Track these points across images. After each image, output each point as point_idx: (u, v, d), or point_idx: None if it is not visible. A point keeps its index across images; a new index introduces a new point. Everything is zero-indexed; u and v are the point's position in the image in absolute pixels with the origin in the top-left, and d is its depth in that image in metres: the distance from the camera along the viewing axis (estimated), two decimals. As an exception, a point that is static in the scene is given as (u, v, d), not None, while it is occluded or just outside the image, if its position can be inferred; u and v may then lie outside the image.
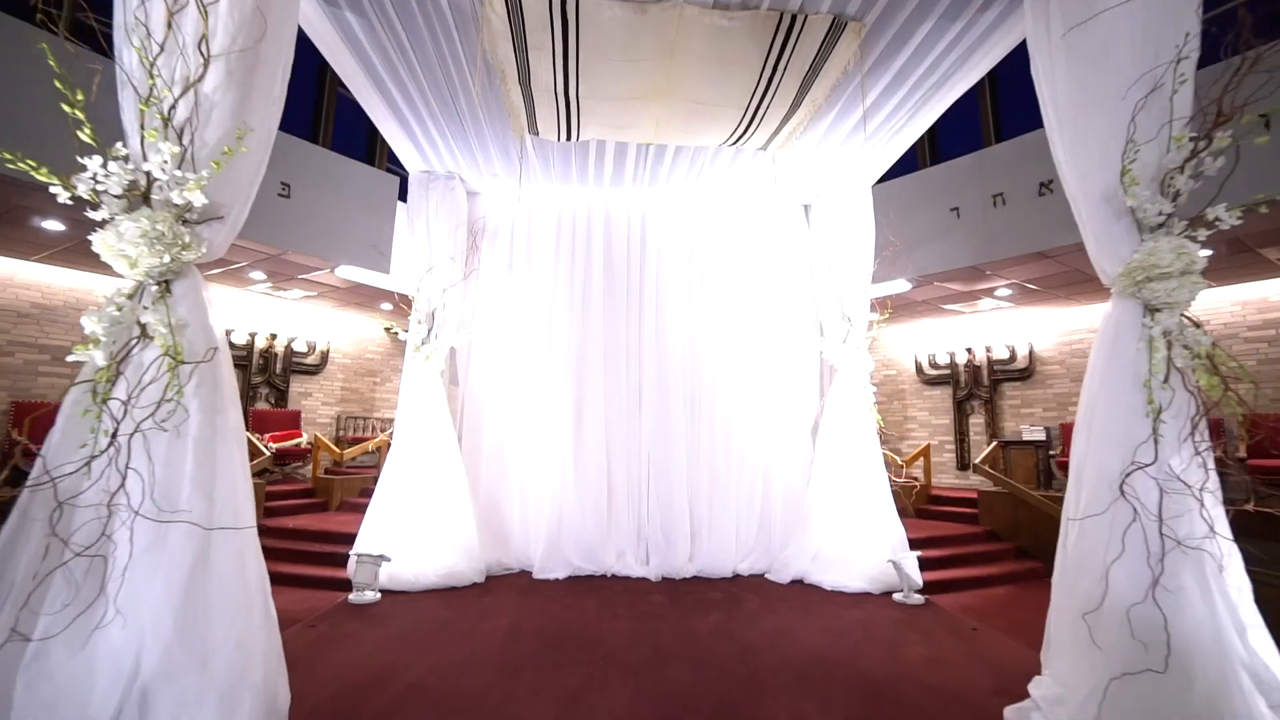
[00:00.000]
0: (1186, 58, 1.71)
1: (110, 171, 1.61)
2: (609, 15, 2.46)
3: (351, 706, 2.02)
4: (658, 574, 3.90)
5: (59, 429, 1.56)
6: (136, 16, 1.68)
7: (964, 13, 2.50)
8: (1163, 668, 1.56)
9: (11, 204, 5.45)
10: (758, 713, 2.06)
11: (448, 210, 4.12)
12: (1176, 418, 1.75)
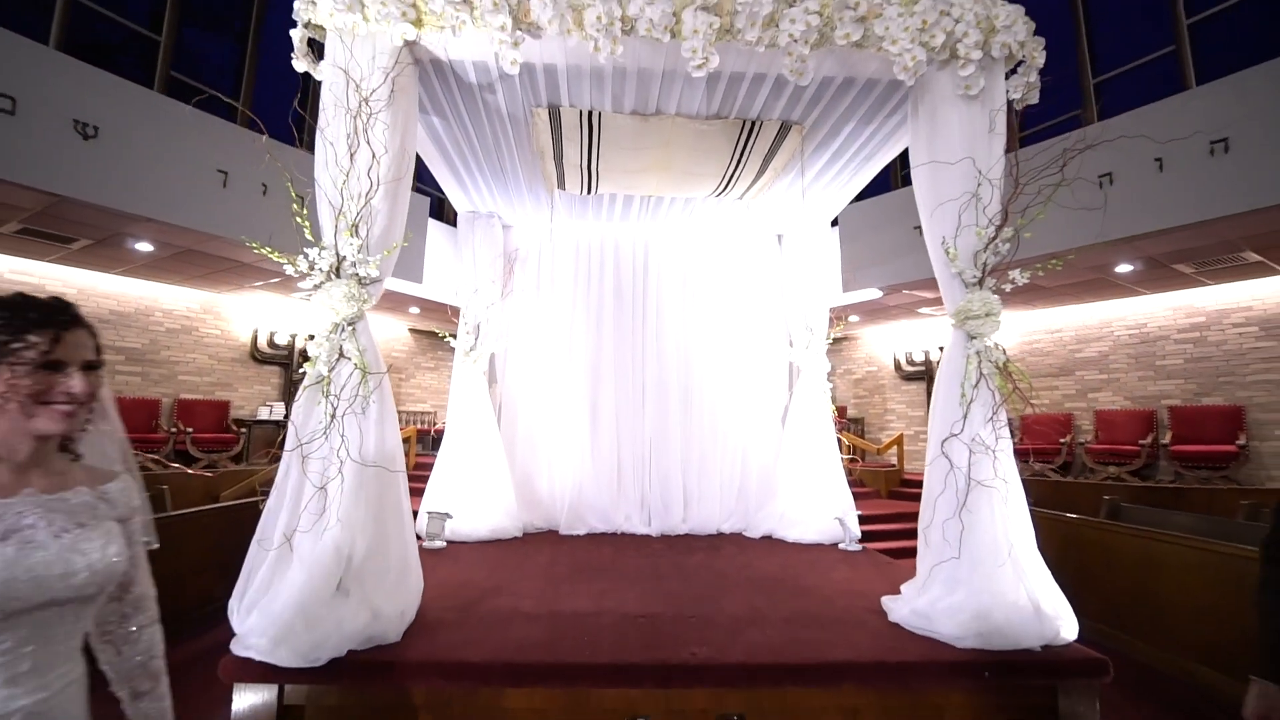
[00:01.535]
0: (983, 183, 2.73)
1: (322, 255, 2.65)
2: (622, 121, 3.49)
3: (453, 595, 3.07)
4: (658, 531, 4.96)
5: (301, 412, 2.58)
6: (332, 152, 2.70)
7: (874, 119, 3.52)
8: (958, 555, 2.60)
9: (115, 230, 6.49)
10: (723, 602, 3.10)
11: (489, 243, 5.16)
12: (984, 406, 2.77)
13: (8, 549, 0.94)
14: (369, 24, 2.69)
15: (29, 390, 1.01)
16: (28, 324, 1.02)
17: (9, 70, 5.03)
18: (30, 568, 0.96)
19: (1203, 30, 6.45)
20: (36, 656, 0.98)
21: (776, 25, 2.72)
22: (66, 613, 1.02)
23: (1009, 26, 2.82)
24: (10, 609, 0.93)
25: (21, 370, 1.00)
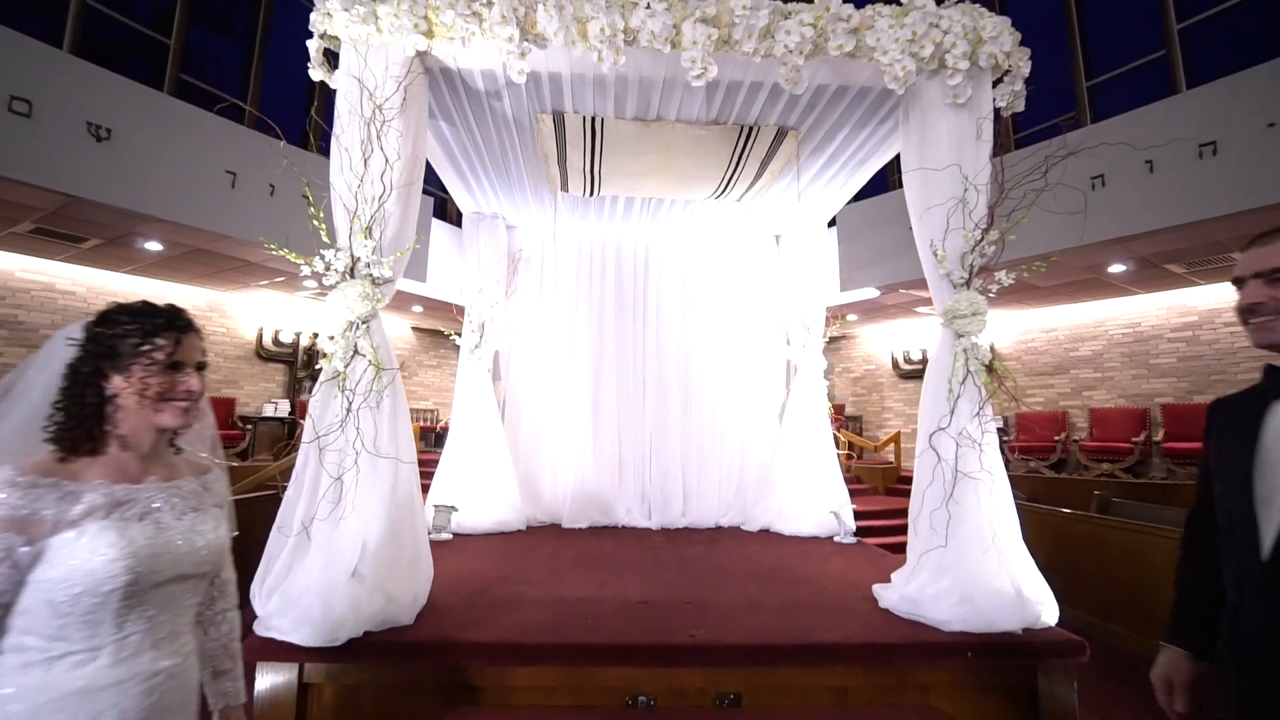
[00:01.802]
0: (970, 189, 2.85)
1: (338, 257, 2.77)
2: (624, 127, 3.61)
3: (461, 583, 3.20)
4: (658, 525, 5.09)
5: (318, 406, 2.71)
6: (346, 158, 2.82)
7: (868, 125, 3.64)
8: (945, 544, 2.72)
9: (126, 230, 6.62)
10: (720, 590, 3.23)
11: (494, 243, 5.28)
12: (970, 401, 2.89)
13: (146, 528, 1.08)
14: (382, 35, 2.81)
15: (156, 388, 1.13)
16: (154, 329, 1.15)
17: (26, 75, 5.15)
18: (166, 544, 1.10)
19: (1193, 35, 6.57)
20: (169, 625, 1.13)
21: (772, 37, 2.84)
22: (188, 588, 1.17)
23: (995, 38, 2.94)
24: (153, 581, 1.07)
25: (150, 370, 1.13)
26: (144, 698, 1.07)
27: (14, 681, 0.99)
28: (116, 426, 1.14)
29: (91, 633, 1.03)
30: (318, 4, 2.85)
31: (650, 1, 2.76)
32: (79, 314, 8.06)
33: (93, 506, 1.05)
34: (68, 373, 1.11)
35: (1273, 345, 1.25)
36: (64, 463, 1.09)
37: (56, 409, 1.10)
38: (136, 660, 1.07)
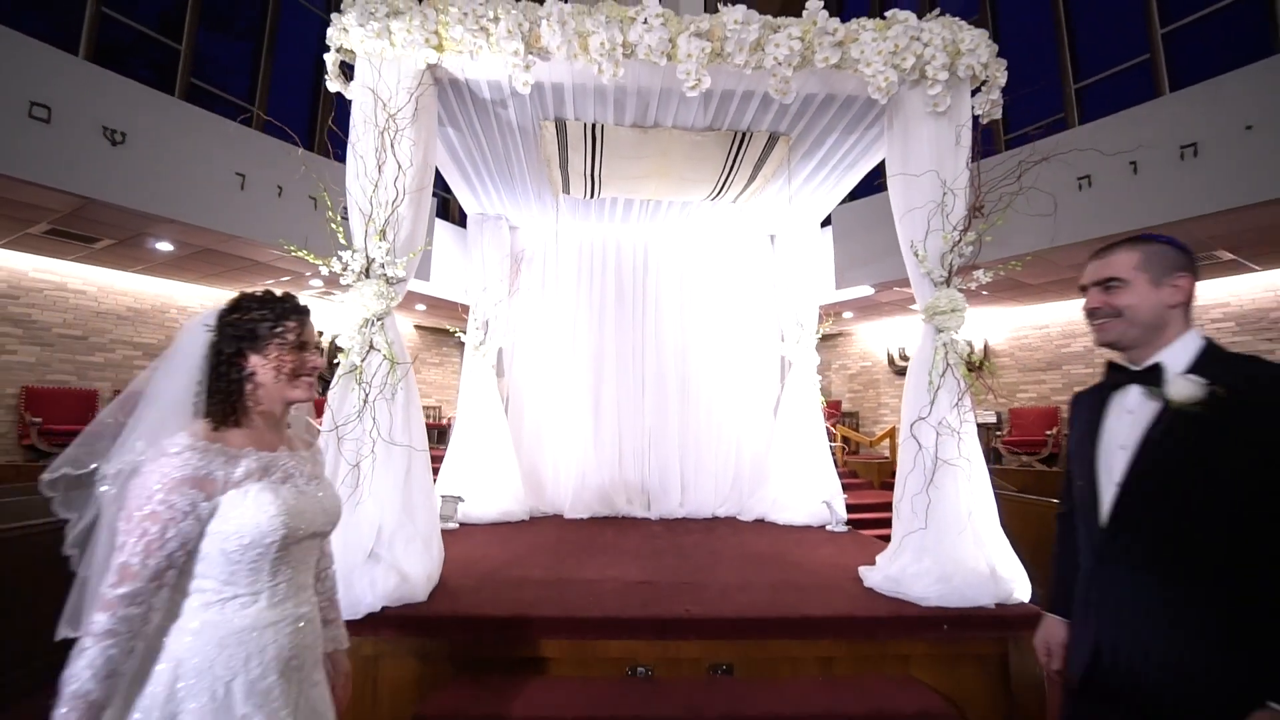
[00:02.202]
0: (951, 194, 3.03)
1: (354, 258, 2.95)
2: (623, 133, 3.79)
3: (470, 566, 3.38)
4: (657, 515, 5.27)
5: (336, 397, 2.89)
6: (361, 164, 3.00)
7: (855, 131, 3.82)
8: (925, 526, 2.90)
9: (138, 230, 6.79)
10: (715, 572, 3.41)
11: (497, 243, 5.46)
12: (949, 393, 3.06)
13: (291, 490, 1.26)
14: (395, 49, 2.99)
15: (289, 366, 1.30)
16: (284, 313, 1.32)
17: (46, 81, 5.33)
18: (307, 504, 1.28)
19: (1176, 39, 6.74)
20: (304, 577, 1.32)
21: (762, 50, 3.02)
22: (315, 544, 1.35)
23: (973, 50, 3.11)
24: (297, 536, 1.25)
25: (283, 349, 1.29)
26: (293, 637, 1.25)
27: (198, 618, 1.17)
28: (257, 402, 1.29)
29: (253, 579, 1.20)
30: (334, 19, 3.03)
31: (647, 17, 2.94)
32: (90, 313, 8.25)
33: (249, 470, 1.22)
34: (212, 355, 1.26)
35: (1109, 344, 1.42)
36: (217, 432, 1.25)
37: (204, 387, 1.25)
38: (285, 605, 1.25)
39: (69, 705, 1.03)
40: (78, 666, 1.04)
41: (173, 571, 1.14)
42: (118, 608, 1.07)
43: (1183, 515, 1.23)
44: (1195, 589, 1.21)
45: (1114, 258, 1.40)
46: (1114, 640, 1.30)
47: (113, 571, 1.09)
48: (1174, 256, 1.37)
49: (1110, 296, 1.38)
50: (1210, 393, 1.20)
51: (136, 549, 1.09)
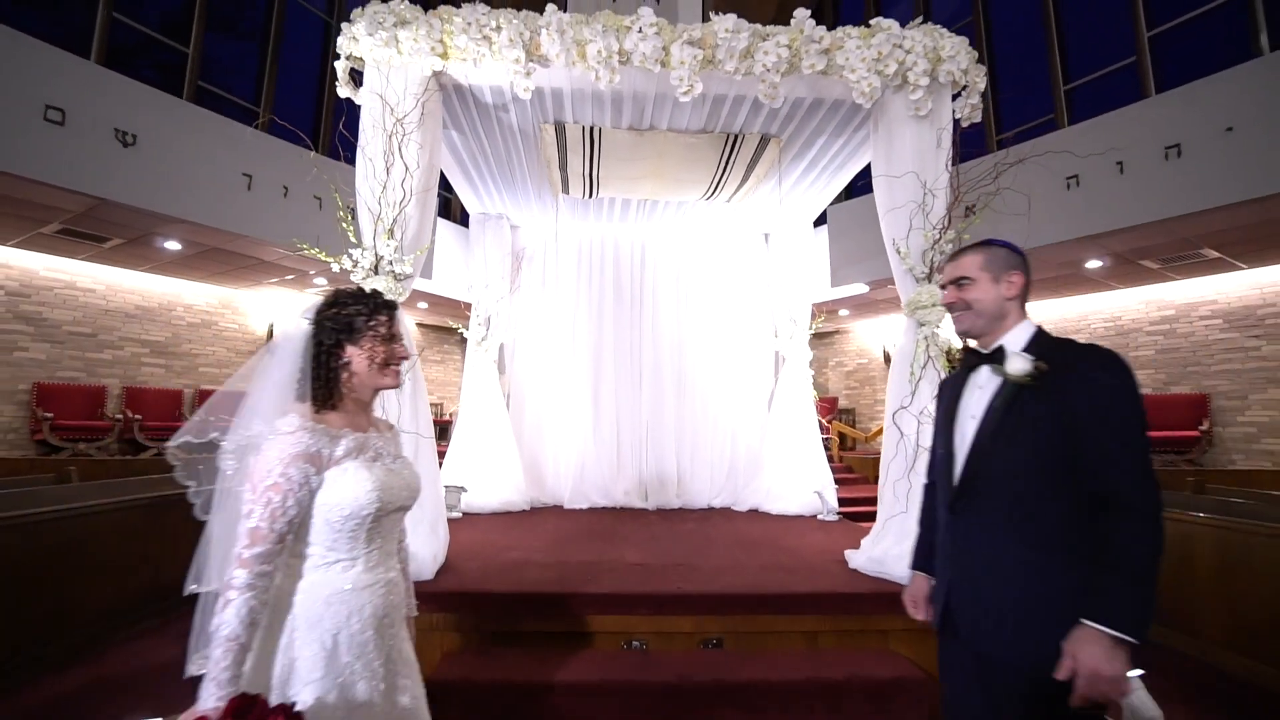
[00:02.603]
0: (930, 194, 3.19)
1: (364, 255, 3.11)
2: (620, 135, 3.94)
3: (474, 550, 3.54)
4: (654, 506, 5.43)
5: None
6: (370, 167, 3.16)
7: (843, 133, 3.98)
8: (906, 510, 3.06)
9: (147, 230, 6.95)
10: (708, 556, 3.57)
11: (499, 242, 5.62)
12: (930, 384, 3.22)
13: (382, 468, 1.41)
14: (403, 57, 3.15)
15: (381, 355, 1.44)
16: (376, 307, 1.46)
17: (60, 85, 5.48)
18: (395, 481, 1.44)
19: (1162, 42, 6.89)
20: (390, 546, 1.48)
21: (752, 57, 3.17)
22: (399, 518, 1.51)
23: (953, 57, 3.27)
24: (388, 509, 1.41)
25: (375, 341, 1.43)
26: (384, 597, 1.40)
27: (309, 578, 1.34)
28: (351, 389, 1.43)
29: (352, 546, 1.36)
30: (344, 28, 3.18)
31: (642, 26, 3.10)
32: (99, 311, 8.41)
33: (348, 449, 1.36)
34: (313, 345, 1.40)
35: (963, 332, 1.64)
36: (319, 415, 1.39)
37: (306, 374, 1.39)
38: (377, 570, 1.40)
39: (223, 647, 1.19)
40: (226, 615, 1.20)
41: (291, 535, 1.30)
42: (253, 565, 1.23)
43: (1011, 469, 1.44)
44: (1020, 533, 1.41)
45: (963, 259, 1.63)
46: (960, 585, 1.51)
47: (244, 535, 1.25)
48: (1009, 257, 1.60)
49: (962, 292, 1.60)
50: (1036, 367, 1.43)
51: (264, 516, 1.25)
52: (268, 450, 1.30)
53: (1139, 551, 1.31)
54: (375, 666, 1.36)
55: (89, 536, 3.63)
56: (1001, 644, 1.40)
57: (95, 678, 3.18)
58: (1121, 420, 1.37)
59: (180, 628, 3.89)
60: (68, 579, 3.47)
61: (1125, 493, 1.33)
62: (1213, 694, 3.20)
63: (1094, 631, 1.28)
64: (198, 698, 1.16)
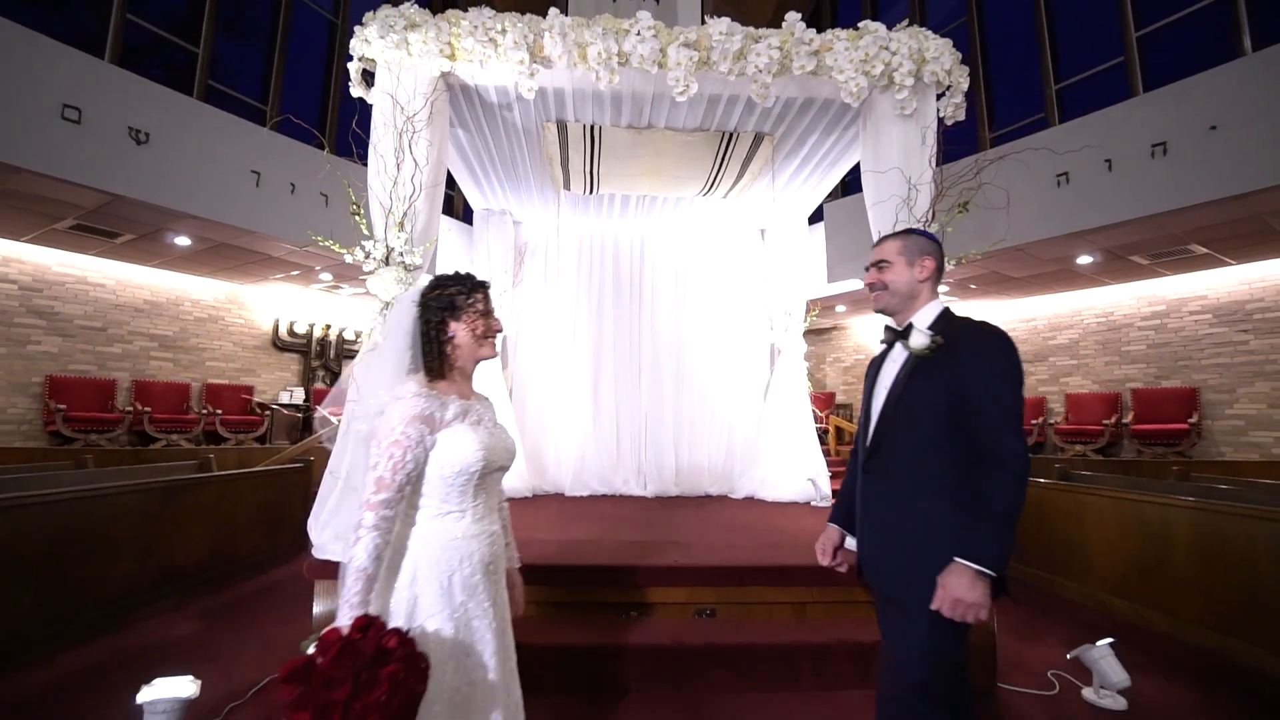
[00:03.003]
0: (914, 189, 3.35)
1: (375, 247, 3.27)
2: (619, 133, 4.10)
3: (480, 531, 3.71)
4: (652, 493, 5.60)
5: (361, 371, 3.20)
6: (381, 163, 3.32)
7: (833, 132, 4.14)
8: (890, 489, 3.21)
9: (159, 226, 7.11)
10: (704, 536, 3.74)
11: (501, 237, 5.78)
12: (915, 370, 3.38)
13: (485, 431, 1.59)
14: (412, 58, 3.30)
15: (481, 329, 1.63)
16: (474, 287, 1.65)
17: (77, 84, 5.65)
18: (498, 443, 1.61)
19: (1150, 42, 7.04)
20: (492, 501, 1.66)
21: (745, 58, 3.33)
22: (499, 477, 1.68)
23: (937, 58, 3.42)
24: (491, 468, 1.59)
25: (475, 316, 1.62)
26: (490, 547, 1.58)
27: (425, 527, 1.51)
28: (456, 360, 1.61)
29: (461, 499, 1.54)
30: (357, 31, 3.34)
31: (640, 29, 3.25)
32: (109, 305, 8.58)
33: (456, 413, 1.55)
34: (422, 324, 1.59)
35: (880, 310, 1.85)
36: (431, 384, 1.56)
37: (417, 349, 1.59)
38: (483, 522, 1.58)
39: (354, 577, 1.37)
40: (357, 550, 1.39)
41: (409, 487, 1.48)
42: (379, 509, 1.41)
43: (910, 432, 1.64)
44: (916, 488, 1.61)
45: (884, 245, 1.85)
46: (869, 537, 1.73)
47: (371, 484, 1.43)
48: (923, 243, 1.81)
49: (881, 274, 1.80)
50: (933, 341, 1.63)
51: (388, 467, 1.43)
52: (390, 412, 1.48)
53: (1001, 500, 1.50)
54: (485, 606, 1.54)
55: (110, 518, 3.80)
56: (901, 588, 1.60)
57: (118, 649, 3.35)
58: (998, 388, 1.56)
59: (196, 608, 4.09)
60: (90, 558, 3.64)
61: (996, 450, 1.53)
62: (1184, 667, 3.36)
63: (960, 566, 1.48)
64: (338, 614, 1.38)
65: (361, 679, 1.23)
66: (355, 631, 1.29)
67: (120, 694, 2.73)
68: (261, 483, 5.20)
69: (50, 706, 2.75)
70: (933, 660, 1.57)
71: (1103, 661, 2.91)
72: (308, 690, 1.23)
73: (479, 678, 1.50)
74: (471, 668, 1.50)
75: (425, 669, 1.34)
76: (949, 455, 1.58)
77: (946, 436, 1.59)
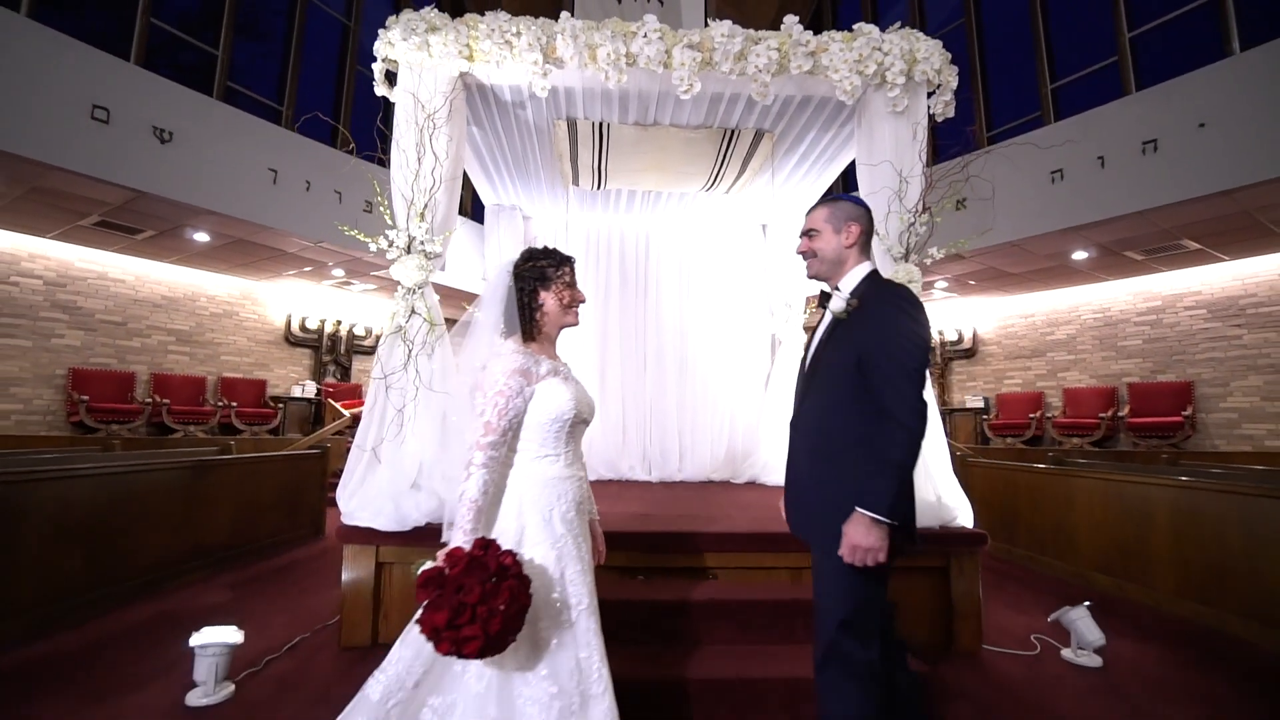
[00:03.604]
0: (905, 182, 3.55)
1: (398, 236, 3.48)
2: (627, 131, 4.31)
3: (494, 506, 3.92)
4: (657, 479, 5.80)
5: (385, 352, 3.42)
6: (404, 157, 3.53)
7: (831, 128, 4.34)
8: (882, 463, 3.41)
9: (180, 222, 7.35)
10: (706, 511, 3.94)
11: (512, 232, 6.00)
12: (906, 353, 3.58)
13: (573, 386, 1.80)
14: (433, 59, 3.52)
15: (568, 298, 1.84)
16: (561, 260, 1.87)
17: (105, 86, 5.89)
18: (584, 397, 1.83)
19: (1141, 42, 7.22)
20: (578, 450, 1.88)
21: (745, 59, 3.54)
22: (583, 430, 1.88)
23: (927, 58, 3.62)
24: (578, 420, 1.80)
25: (562, 286, 1.83)
26: (579, 490, 1.80)
27: (525, 469, 1.73)
28: (544, 326, 1.82)
29: (555, 444, 1.75)
30: (381, 34, 3.56)
31: (647, 32, 3.46)
32: (128, 300, 8.83)
33: (548, 370, 1.77)
34: (516, 292, 1.80)
35: (812, 276, 1.95)
36: (525, 345, 1.78)
37: (512, 314, 1.80)
38: (573, 466, 1.80)
39: (466, 507, 1.60)
40: (469, 485, 1.62)
41: (511, 433, 1.71)
42: (487, 450, 1.65)
43: (823, 389, 1.79)
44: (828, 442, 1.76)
45: (812, 214, 1.94)
46: (790, 487, 1.91)
47: (479, 428, 1.67)
48: (849, 209, 1.90)
49: (810, 242, 1.91)
50: (848, 304, 1.76)
51: (494, 413, 1.66)
52: (493, 366, 1.71)
53: (893, 453, 1.61)
54: (579, 541, 1.76)
55: (146, 492, 4.03)
56: (816, 533, 1.76)
57: (161, 611, 3.58)
58: (894, 346, 1.66)
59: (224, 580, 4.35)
60: (129, 529, 3.87)
61: (890, 405, 1.63)
62: (1157, 632, 3.56)
63: (858, 514, 1.61)
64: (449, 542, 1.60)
65: (487, 588, 1.46)
66: (478, 549, 1.52)
67: (171, 643, 2.96)
68: (282, 466, 5.43)
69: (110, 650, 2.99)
70: (851, 600, 1.70)
71: (1080, 622, 3.10)
72: (442, 594, 1.46)
73: (573, 601, 1.70)
74: (567, 591, 1.70)
75: (529, 585, 1.56)
76: (857, 411, 1.69)
77: (855, 393, 1.69)
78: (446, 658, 1.57)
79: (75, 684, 2.64)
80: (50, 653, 2.96)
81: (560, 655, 1.65)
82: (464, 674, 1.65)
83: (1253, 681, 2.91)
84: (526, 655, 1.62)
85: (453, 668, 1.66)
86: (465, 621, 1.43)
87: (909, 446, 1.63)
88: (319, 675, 2.80)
